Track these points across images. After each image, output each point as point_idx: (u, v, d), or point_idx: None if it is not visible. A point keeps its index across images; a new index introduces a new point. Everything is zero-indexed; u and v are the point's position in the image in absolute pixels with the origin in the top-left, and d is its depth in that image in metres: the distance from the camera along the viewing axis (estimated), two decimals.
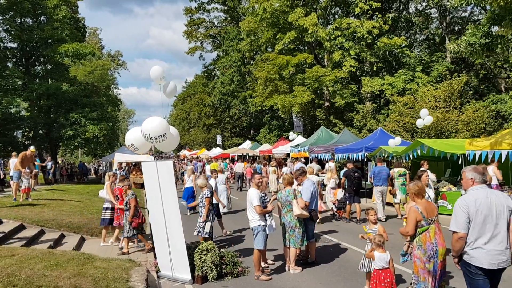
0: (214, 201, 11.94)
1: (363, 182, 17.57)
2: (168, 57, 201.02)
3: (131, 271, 7.45)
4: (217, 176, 12.83)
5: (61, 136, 29.61)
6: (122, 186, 10.75)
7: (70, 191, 19.85)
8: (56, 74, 30.99)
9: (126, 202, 9.73)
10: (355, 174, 13.81)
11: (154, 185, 8.01)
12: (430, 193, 7.80)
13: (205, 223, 9.23)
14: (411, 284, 5.77)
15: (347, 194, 13.78)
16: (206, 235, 9.14)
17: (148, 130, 7.72)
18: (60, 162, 39.01)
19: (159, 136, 7.73)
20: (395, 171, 14.17)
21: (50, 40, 29.57)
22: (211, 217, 9.45)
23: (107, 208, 10.77)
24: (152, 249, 9.50)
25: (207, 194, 9.35)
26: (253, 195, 7.74)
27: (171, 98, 8.57)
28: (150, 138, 7.75)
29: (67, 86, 29.26)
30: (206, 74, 60.35)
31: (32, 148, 15.93)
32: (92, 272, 7.00)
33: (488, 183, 10.56)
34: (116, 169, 21.07)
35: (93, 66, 39.62)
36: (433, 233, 5.47)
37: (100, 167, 42.53)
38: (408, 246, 5.71)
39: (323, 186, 16.43)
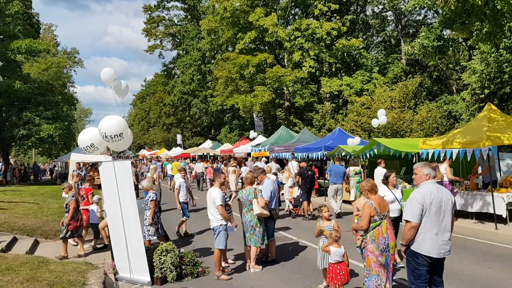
0: (182, 199, 11.85)
1: (323, 181, 17.92)
2: (127, 55, 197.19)
3: (88, 274, 7.28)
4: (185, 175, 12.70)
5: (13, 136, 28.52)
6: (89, 186, 10.65)
7: (23, 193, 19.14)
8: (8, 71, 29.77)
9: (66, 204, 9.42)
10: (309, 172, 14.20)
11: (111, 185, 7.85)
12: (398, 193, 7.93)
13: (150, 226, 9.17)
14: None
15: (301, 192, 14.09)
16: (152, 238, 9.08)
17: (104, 129, 7.55)
18: (12, 162, 37.53)
19: (115, 135, 7.56)
20: (351, 169, 14.61)
21: (1, 36, 28.39)
22: (157, 220, 9.39)
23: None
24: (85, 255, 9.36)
25: (152, 197, 9.26)
26: (216, 194, 7.71)
27: (123, 97, 8.35)
28: (106, 137, 7.57)
29: (20, 84, 28.18)
30: (166, 73, 59.63)
31: None
32: (47, 276, 6.80)
33: (439, 180, 11.03)
34: (74, 170, 20.46)
35: (48, 63, 38.23)
36: (385, 227, 5.72)
37: (56, 168, 41.27)
38: (362, 240, 5.88)
39: (281, 184, 16.65)
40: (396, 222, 7.67)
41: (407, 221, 4.98)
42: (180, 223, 11.77)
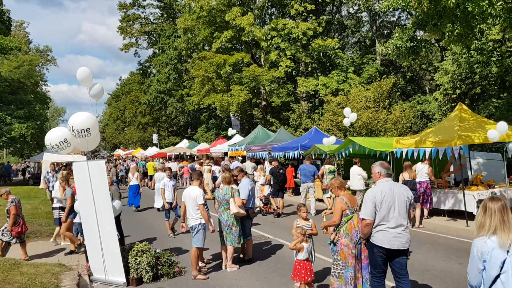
0: (168, 199, 11.82)
1: (299, 180, 18.08)
2: (102, 53, 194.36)
3: (62, 276, 7.17)
4: (170, 174, 12.71)
5: None
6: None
7: None
8: None
9: (7, 210, 9.13)
10: (280, 171, 14.96)
11: (85, 186, 7.73)
12: None
13: None
14: (334, 268, 6.05)
15: (271, 190, 14.75)
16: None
17: (71, 123, 7.41)
18: None
19: (81, 130, 7.39)
20: (326, 167, 14.93)
21: None
22: None
23: (60, 207, 10.55)
24: (28, 260, 9.14)
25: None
26: (199, 193, 7.75)
27: (98, 100, 8.22)
28: (73, 131, 7.41)
29: None
30: (141, 72, 58.94)
31: None
32: (19, 279, 6.66)
33: (412, 179, 11.25)
34: (48, 172, 20.06)
35: (19, 61, 37.31)
36: (356, 221, 5.94)
37: (28, 168, 40.34)
38: (336, 235, 6.01)
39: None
40: None
41: (362, 219, 5.40)
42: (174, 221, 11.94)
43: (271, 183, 14.80)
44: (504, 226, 3.40)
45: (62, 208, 10.52)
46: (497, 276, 3.35)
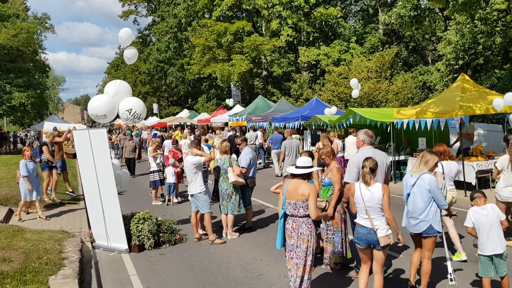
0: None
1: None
2: (100, 20, 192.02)
3: (64, 242, 7.29)
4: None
5: None
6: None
7: None
8: None
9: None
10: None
11: (87, 154, 7.77)
12: None
13: None
14: (327, 233, 6.37)
15: None
16: None
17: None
18: None
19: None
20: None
21: None
22: None
23: (158, 171, 11.76)
24: None
25: None
26: (194, 158, 7.92)
27: (131, 63, 8.60)
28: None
29: None
30: (141, 40, 58.16)
31: None
32: (22, 244, 6.77)
33: None
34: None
35: (17, 29, 36.75)
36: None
37: (27, 138, 40.40)
38: (329, 204, 6.24)
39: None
40: None
41: (346, 183, 5.86)
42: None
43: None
44: (417, 165, 5.43)
45: (159, 171, 11.73)
46: (409, 194, 5.40)
